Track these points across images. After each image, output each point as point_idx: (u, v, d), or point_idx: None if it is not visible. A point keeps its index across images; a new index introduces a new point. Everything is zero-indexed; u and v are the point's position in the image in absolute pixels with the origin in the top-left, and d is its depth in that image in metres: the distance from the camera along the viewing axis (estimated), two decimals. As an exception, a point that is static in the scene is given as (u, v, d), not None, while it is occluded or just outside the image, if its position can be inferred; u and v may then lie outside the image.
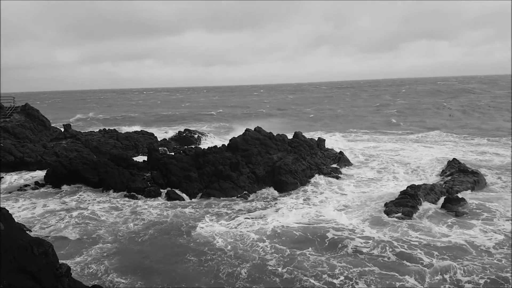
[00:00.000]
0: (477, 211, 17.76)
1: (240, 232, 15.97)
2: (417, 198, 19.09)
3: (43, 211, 18.95)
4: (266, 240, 15.11)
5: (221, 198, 21.15)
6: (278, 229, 16.23)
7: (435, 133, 42.70)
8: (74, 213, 18.38)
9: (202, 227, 16.41)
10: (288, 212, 18.46)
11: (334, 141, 35.87)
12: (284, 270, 12.73)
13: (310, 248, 14.49)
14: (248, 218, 17.68)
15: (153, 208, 19.26)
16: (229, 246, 14.59)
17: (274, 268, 12.91)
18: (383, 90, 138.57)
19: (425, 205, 18.65)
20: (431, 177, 23.93)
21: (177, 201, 20.62)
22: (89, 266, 13.17)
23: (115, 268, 13.03)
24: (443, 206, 18.49)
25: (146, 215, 18.27)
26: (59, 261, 8.08)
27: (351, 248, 14.37)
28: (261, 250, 14.28)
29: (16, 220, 12.60)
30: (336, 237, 15.36)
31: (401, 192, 19.88)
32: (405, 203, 18.45)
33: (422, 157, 29.06)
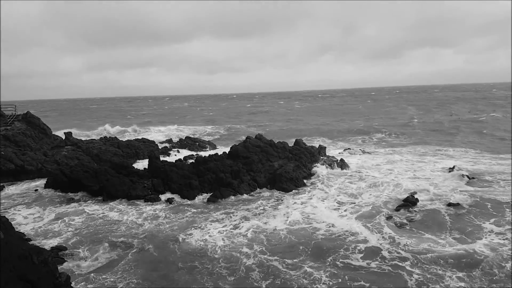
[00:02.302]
0: (476, 216, 17.73)
1: (232, 238, 15.94)
2: (417, 204, 19.18)
3: (43, 219, 18.88)
4: (256, 248, 14.92)
5: (221, 201, 21.39)
6: (269, 235, 16.21)
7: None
8: (75, 221, 18.36)
9: (196, 235, 16.36)
10: (283, 216, 18.49)
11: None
12: (268, 284, 12.40)
13: (299, 256, 14.26)
14: (244, 223, 17.71)
15: (151, 215, 19.20)
16: (218, 255, 14.43)
17: (257, 283, 12.56)
18: (403, 98, 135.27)
19: (426, 211, 18.56)
20: (434, 184, 23.81)
21: (176, 206, 20.55)
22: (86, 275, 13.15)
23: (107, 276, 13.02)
24: (444, 211, 18.49)
25: (142, 222, 18.22)
26: (59, 269, 8.06)
27: (343, 256, 14.06)
28: (248, 259, 14.03)
29: (17, 229, 12.62)
30: (329, 243, 15.17)
31: (403, 200, 19.96)
32: (407, 210, 18.54)
33: (431, 167, 28.30)
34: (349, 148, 36.29)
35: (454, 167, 26.37)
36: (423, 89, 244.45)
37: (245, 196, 22.38)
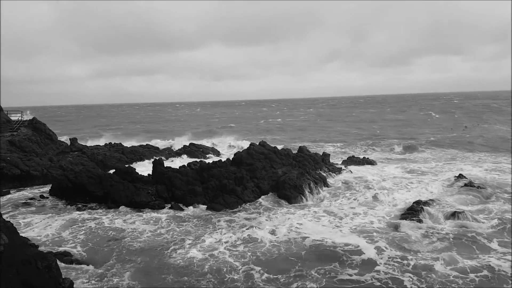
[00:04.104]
0: (479, 235, 17.15)
1: (226, 250, 15.68)
2: (423, 213, 19.04)
3: (47, 225, 18.96)
4: (248, 261, 14.61)
5: (222, 211, 21.12)
6: (262, 247, 15.81)
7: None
8: (78, 228, 18.44)
9: (194, 246, 16.11)
10: (280, 226, 18.11)
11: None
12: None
13: (293, 269, 13.84)
14: (240, 234, 17.38)
15: (153, 224, 19.10)
16: (207, 267, 14.12)
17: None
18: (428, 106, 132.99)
19: (431, 219, 18.38)
20: (438, 192, 23.66)
21: (178, 215, 20.52)
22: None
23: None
24: (447, 219, 18.44)
25: (143, 231, 18.06)
26: (63, 275, 8.10)
27: (338, 270, 13.57)
28: (237, 273, 13.67)
29: (22, 234, 12.69)
30: (324, 256, 14.65)
31: (404, 211, 19.69)
32: (408, 222, 18.24)
33: (444, 177, 27.60)
34: (353, 156, 36.14)
35: (459, 175, 26.22)
36: (436, 96, 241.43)
37: (247, 203, 22.26)
